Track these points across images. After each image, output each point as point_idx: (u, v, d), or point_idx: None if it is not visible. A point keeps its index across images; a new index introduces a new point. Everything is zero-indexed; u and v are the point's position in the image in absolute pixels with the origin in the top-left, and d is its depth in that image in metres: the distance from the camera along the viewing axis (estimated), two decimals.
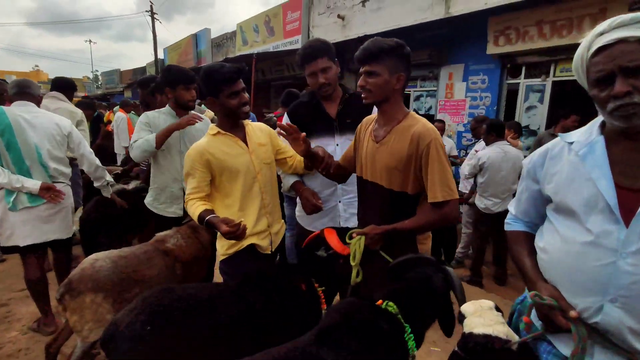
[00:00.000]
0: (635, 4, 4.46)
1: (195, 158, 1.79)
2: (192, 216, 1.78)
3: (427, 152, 1.44)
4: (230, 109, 1.79)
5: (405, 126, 1.52)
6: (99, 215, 2.74)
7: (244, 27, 11.59)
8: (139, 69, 21.59)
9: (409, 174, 1.51)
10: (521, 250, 1.21)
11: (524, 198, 1.23)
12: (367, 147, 1.63)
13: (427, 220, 1.50)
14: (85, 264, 1.94)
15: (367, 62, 1.49)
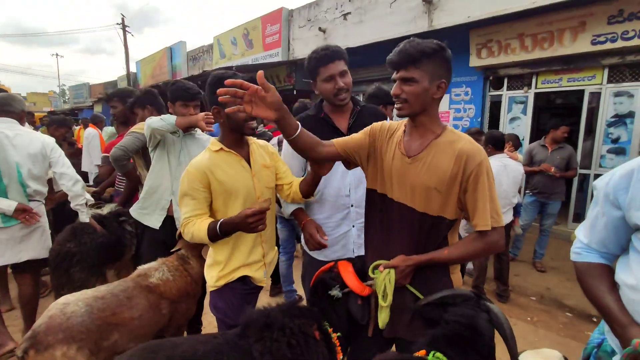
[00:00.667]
0: (613, 18, 4.59)
1: (196, 177, 1.57)
2: (198, 235, 1.54)
3: (477, 174, 1.25)
4: (236, 122, 1.61)
5: (447, 141, 1.31)
6: (73, 246, 2.39)
7: (222, 40, 11.37)
8: (110, 83, 20.82)
9: (450, 196, 1.29)
10: (599, 285, 1.04)
11: (600, 225, 1.07)
12: (394, 161, 1.38)
13: (473, 249, 1.30)
14: (53, 311, 1.62)
15: (404, 67, 1.26)
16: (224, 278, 1.68)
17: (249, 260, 1.71)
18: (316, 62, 1.74)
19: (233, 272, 1.68)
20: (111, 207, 2.78)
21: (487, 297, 1.29)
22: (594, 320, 3.25)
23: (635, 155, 4.85)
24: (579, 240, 1.16)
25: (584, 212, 5.43)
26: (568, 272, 4.29)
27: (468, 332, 1.15)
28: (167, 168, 2.30)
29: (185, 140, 2.33)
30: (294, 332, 1.25)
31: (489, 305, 1.24)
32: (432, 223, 1.32)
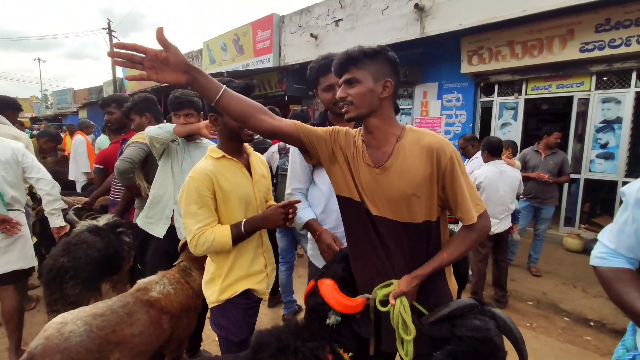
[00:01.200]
0: (600, 26, 4.71)
1: (203, 184, 1.51)
2: (219, 242, 1.51)
3: (452, 167, 1.19)
4: (233, 129, 1.59)
5: (411, 141, 1.24)
6: (67, 260, 2.27)
7: (211, 46, 11.28)
8: (95, 88, 20.43)
9: (430, 198, 1.22)
10: (630, 290, 1.02)
11: (629, 231, 1.06)
12: (364, 174, 1.28)
13: (469, 242, 1.25)
14: (50, 331, 1.53)
15: (346, 69, 1.23)
16: (227, 292, 1.62)
17: (251, 270, 1.68)
18: (316, 72, 1.74)
19: (235, 284, 1.63)
20: (108, 217, 2.68)
21: (489, 303, 1.27)
22: (591, 325, 3.29)
23: (623, 160, 4.97)
24: (603, 245, 1.14)
25: (575, 216, 5.53)
26: (562, 276, 4.34)
27: (485, 347, 1.12)
28: (171, 177, 2.26)
29: (188, 149, 2.28)
30: (306, 356, 1.19)
31: (494, 311, 1.22)
32: (421, 230, 1.25)
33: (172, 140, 2.19)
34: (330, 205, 1.79)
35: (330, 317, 1.25)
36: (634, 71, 4.79)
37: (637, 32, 4.47)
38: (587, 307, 3.60)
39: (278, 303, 3.47)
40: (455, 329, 1.19)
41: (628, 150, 4.98)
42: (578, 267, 4.59)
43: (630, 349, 1.09)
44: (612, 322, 3.29)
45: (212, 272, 1.66)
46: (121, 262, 2.57)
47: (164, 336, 1.85)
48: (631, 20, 4.50)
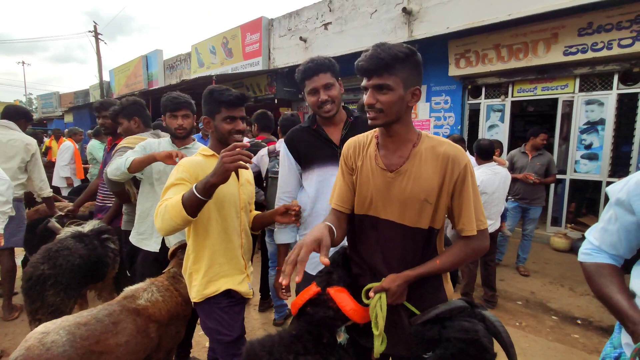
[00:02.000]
0: (583, 30, 4.82)
1: (187, 169, 1.57)
2: (172, 209, 1.40)
3: (464, 179, 1.20)
4: (222, 134, 1.67)
5: (427, 148, 1.24)
6: (47, 268, 2.21)
7: (200, 49, 11.22)
8: (81, 92, 20.11)
9: (440, 206, 1.23)
10: (610, 284, 1.05)
11: (612, 229, 1.09)
12: (373, 178, 1.29)
13: (463, 255, 1.25)
14: (31, 341, 1.48)
15: (378, 74, 1.17)
16: (209, 287, 1.65)
17: (232, 269, 1.71)
18: (302, 74, 1.74)
19: (216, 281, 1.66)
20: (94, 224, 2.62)
21: (481, 304, 1.27)
22: (578, 323, 3.33)
23: (607, 160, 5.08)
24: (589, 242, 1.18)
25: (561, 216, 5.62)
26: (550, 275, 4.40)
27: (472, 349, 1.12)
28: (156, 191, 2.21)
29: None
30: None
31: (484, 314, 1.22)
32: (426, 236, 1.26)
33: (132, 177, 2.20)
34: (317, 209, 1.79)
35: (341, 335, 1.23)
36: (616, 73, 4.91)
37: (618, 35, 4.59)
38: (575, 305, 3.65)
39: (269, 307, 3.44)
40: (444, 331, 1.19)
41: (611, 150, 5.09)
42: (565, 267, 4.66)
43: (616, 347, 1.10)
44: (599, 320, 3.35)
45: (189, 266, 1.69)
46: (106, 269, 2.51)
47: (151, 345, 1.81)
48: (612, 24, 4.61)
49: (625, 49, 4.56)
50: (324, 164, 1.77)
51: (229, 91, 1.64)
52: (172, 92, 2.26)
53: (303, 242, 1.05)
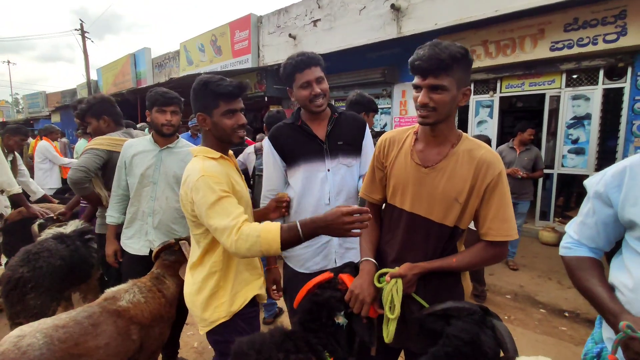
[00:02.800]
0: (569, 26, 4.86)
1: (219, 179, 1.34)
2: (265, 242, 1.23)
3: (497, 184, 1.22)
4: (223, 130, 1.46)
5: (465, 150, 1.26)
6: (27, 271, 2.15)
7: (188, 47, 11.10)
8: (68, 91, 19.78)
9: (468, 206, 1.25)
10: (590, 277, 1.05)
11: (590, 222, 1.09)
12: (407, 171, 1.32)
13: (481, 258, 1.27)
14: (6, 345, 1.44)
15: (435, 74, 1.15)
16: (237, 300, 1.49)
17: (253, 273, 1.59)
18: (292, 68, 1.69)
19: (244, 291, 1.53)
20: (76, 224, 2.56)
21: (496, 315, 1.23)
22: (565, 315, 3.37)
23: (593, 155, 5.14)
24: (569, 236, 1.18)
25: (550, 210, 5.68)
26: (538, 269, 4.44)
27: (468, 349, 1.10)
28: (142, 194, 2.13)
29: (160, 156, 2.15)
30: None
31: (494, 322, 1.18)
32: (449, 234, 1.29)
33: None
34: (304, 205, 1.77)
35: (339, 317, 1.25)
36: (602, 69, 4.96)
37: (603, 31, 4.64)
38: (562, 298, 3.69)
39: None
40: (447, 328, 1.18)
41: (597, 145, 5.15)
42: (553, 260, 4.71)
43: (598, 342, 1.10)
44: (586, 312, 3.39)
45: (213, 285, 1.47)
46: (90, 269, 2.46)
47: (133, 347, 1.77)
48: (597, 20, 4.66)
49: (610, 44, 4.61)
50: (309, 159, 1.75)
51: (225, 81, 1.42)
52: (160, 87, 2.18)
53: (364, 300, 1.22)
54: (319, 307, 1.24)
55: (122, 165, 2.15)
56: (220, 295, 1.48)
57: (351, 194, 1.80)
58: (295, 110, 1.84)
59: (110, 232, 2.23)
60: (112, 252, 2.20)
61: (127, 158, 2.13)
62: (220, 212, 1.29)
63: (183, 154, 2.19)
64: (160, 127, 2.11)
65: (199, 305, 1.49)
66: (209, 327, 1.49)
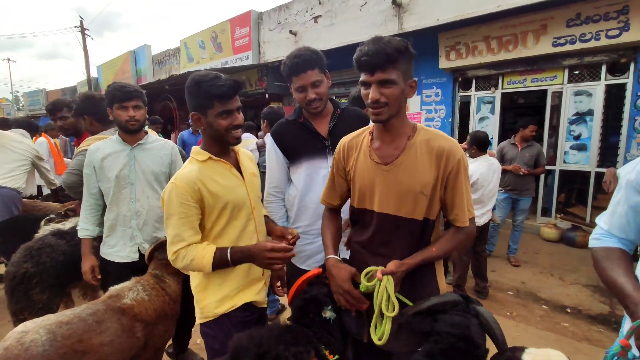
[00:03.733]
0: (571, 21, 4.83)
1: (186, 191, 1.35)
2: (198, 264, 1.37)
3: (457, 171, 1.23)
4: (218, 131, 1.41)
5: (422, 141, 1.26)
6: (31, 266, 2.16)
7: (189, 44, 11.06)
8: (69, 89, 19.77)
9: (434, 197, 1.26)
10: (615, 268, 1.03)
11: (621, 211, 1.08)
12: (368, 172, 1.32)
13: (456, 242, 1.30)
14: (10, 341, 1.44)
15: (382, 69, 1.15)
16: (225, 304, 1.48)
17: (249, 278, 1.53)
18: (288, 70, 1.68)
19: (233, 296, 1.49)
20: (75, 221, 2.56)
21: (475, 299, 1.26)
22: (567, 312, 3.37)
23: (595, 151, 5.12)
24: (599, 227, 1.17)
25: (551, 207, 5.67)
26: (540, 265, 4.44)
27: (462, 343, 1.11)
28: (120, 197, 2.01)
29: (133, 154, 2.01)
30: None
31: (478, 309, 1.21)
32: (420, 227, 1.28)
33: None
34: (306, 202, 1.77)
35: (327, 311, 1.27)
36: (604, 64, 4.93)
37: (605, 26, 4.61)
38: (564, 294, 3.69)
39: None
40: (435, 324, 1.19)
41: (600, 141, 5.13)
42: (555, 256, 4.71)
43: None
44: (588, 308, 3.39)
45: (202, 282, 1.50)
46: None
47: (137, 345, 1.77)
48: (600, 15, 4.63)
49: (612, 39, 4.58)
50: (312, 157, 1.75)
51: (219, 80, 1.36)
52: (117, 82, 2.04)
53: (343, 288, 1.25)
54: (307, 303, 1.27)
55: (91, 172, 2.00)
56: (208, 292, 1.49)
57: None
58: (297, 107, 1.83)
59: (86, 247, 2.07)
60: (88, 267, 2.03)
61: (95, 163, 1.98)
62: (172, 231, 1.38)
63: (157, 149, 2.08)
64: (124, 124, 1.96)
65: (195, 296, 1.54)
66: (201, 320, 1.52)
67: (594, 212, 5.29)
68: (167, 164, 2.09)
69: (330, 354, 1.21)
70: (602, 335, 2.95)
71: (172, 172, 2.11)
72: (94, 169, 1.99)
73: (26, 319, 2.09)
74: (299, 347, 1.15)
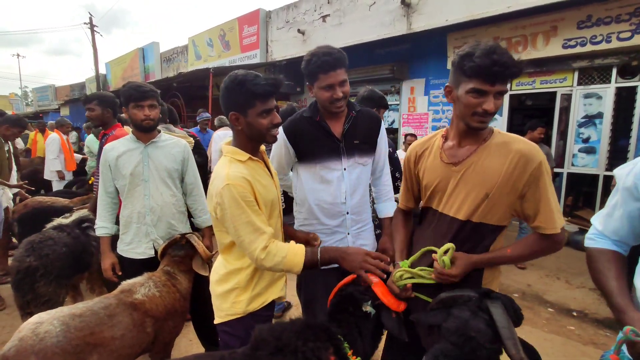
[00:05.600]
0: (582, 23, 4.79)
1: (244, 189, 1.31)
2: (290, 261, 1.32)
3: (539, 176, 1.18)
4: (259, 131, 1.38)
5: (498, 143, 1.24)
6: (34, 260, 2.20)
7: (197, 41, 11.12)
8: (77, 85, 19.96)
9: (502, 203, 1.23)
10: (607, 271, 1.04)
11: (617, 215, 1.07)
12: (437, 172, 1.33)
13: (534, 250, 1.25)
14: (24, 332, 1.47)
15: (503, 81, 1.15)
16: (256, 301, 1.46)
17: (275, 275, 1.53)
18: (317, 68, 1.62)
19: (264, 293, 1.49)
20: (79, 214, 2.60)
21: (496, 295, 1.21)
22: (574, 315, 3.35)
23: (604, 154, 5.08)
24: (594, 227, 1.17)
25: None
26: (546, 268, 4.42)
27: (467, 346, 1.09)
28: (134, 195, 2.04)
29: (147, 152, 2.06)
30: (307, 356, 1.14)
31: (490, 307, 1.16)
32: (474, 230, 1.27)
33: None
34: (320, 202, 1.78)
35: (367, 306, 1.28)
36: (614, 67, 4.89)
37: (617, 28, 4.56)
38: (570, 297, 3.67)
39: None
40: (447, 319, 1.17)
41: (609, 144, 5.09)
42: (561, 259, 4.68)
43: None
44: (594, 312, 3.37)
45: (235, 283, 1.46)
46: (90, 258, 2.50)
47: (147, 340, 1.80)
48: (611, 17, 4.58)
49: (624, 42, 4.54)
50: (326, 158, 1.75)
51: (260, 79, 1.33)
52: (132, 82, 2.08)
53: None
54: (346, 298, 1.28)
55: (107, 170, 2.05)
56: (240, 293, 1.46)
57: (365, 192, 1.81)
58: (312, 102, 1.82)
59: (105, 245, 2.09)
60: (109, 265, 2.06)
61: (111, 161, 2.03)
62: (247, 228, 1.31)
63: (170, 146, 2.12)
64: (140, 123, 2.00)
65: (218, 295, 1.50)
66: (223, 319, 1.48)
67: None
68: (180, 161, 2.13)
69: (353, 355, 1.21)
70: (608, 340, 2.94)
71: (184, 169, 2.14)
72: (109, 168, 2.04)
73: (33, 312, 2.14)
74: (318, 343, 1.16)
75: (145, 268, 2.01)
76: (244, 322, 1.46)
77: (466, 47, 1.20)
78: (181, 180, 2.19)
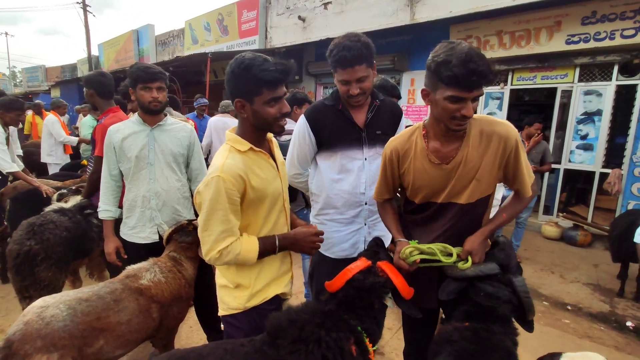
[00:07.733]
0: (587, 19, 4.78)
1: (233, 185, 1.24)
2: (244, 257, 1.30)
3: (517, 151, 1.34)
4: (266, 120, 1.31)
5: (477, 133, 1.35)
6: (35, 243, 2.14)
7: (194, 25, 10.88)
8: (68, 66, 19.48)
9: (490, 179, 1.38)
10: None
11: None
12: (429, 174, 1.40)
13: (520, 208, 1.46)
14: (30, 315, 1.44)
15: (479, 86, 1.19)
16: (256, 297, 1.42)
17: (280, 271, 1.49)
18: (335, 62, 1.59)
19: (265, 289, 1.44)
20: (77, 199, 2.55)
21: (517, 265, 1.42)
22: (568, 309, 3.42)
23: (601, 151, 5.13)
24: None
25: (553, 205, 5.70)
26: (541, 263, 4.49)
27: (492, 315, 1.27)
28: (139, 178, 1.99)
29: (153, 135, 2.00)
30: (330, 346, 1.14)
31: (513, 281, 1.30)
32: (474, 208, 1.41)
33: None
34: (339, 192, 1.77)
35: (388, 300, 1.36)
36: (616, 64, 4.90)
37: (621, 26, 4.56)
38: (565, 292, 3.74)
39: None
40: (470, 289, 1.32)
41: (607, 142, 5.13)
42: (555, 254, 4.76)
43: None
44: (588, 306, 3.44)
45: (232, 278, 1.41)
46: (91, 244, 2.46)
47: (152, 325, 1.78)
48: (616, 14, 4.58)
49: (627, 39, 4.55)
50: (348, 147, 1.73)
51: (269, 63, 1.23)
52: (140, 63, 2.03)
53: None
54: (367, 291, 1.27)
55: (111, 152, 1.99)
56: (241, 289, 1.41)
57: None
58: (334, 90, 1.77)
59: (108, 228, 2.06)
60: (112, 249, 2.03)
61: (116, 143, 1.97)
62: (219, 227, 1.26)
63: (176, 130, 2.07)
64: (147, 105, 1.94)
65: (220, 287, 1.47)
66: (226, 312, 1.44)
67: (595, 212, 5.33)
68: (186, 146, 2.08)
69: (369, 343, 1.23)
70: (603, 334, 3.00)
71: (190, 154, 2.10)
72: (114, 150, 1.99)
73: (32, 296, 2.10)
74: (340, 333, 1.16)
75: (149, 253, 1.97)
76: (248, 315, 1.43)
77: (441, 51, 1.22)
78: (186, 165, 2.14)
